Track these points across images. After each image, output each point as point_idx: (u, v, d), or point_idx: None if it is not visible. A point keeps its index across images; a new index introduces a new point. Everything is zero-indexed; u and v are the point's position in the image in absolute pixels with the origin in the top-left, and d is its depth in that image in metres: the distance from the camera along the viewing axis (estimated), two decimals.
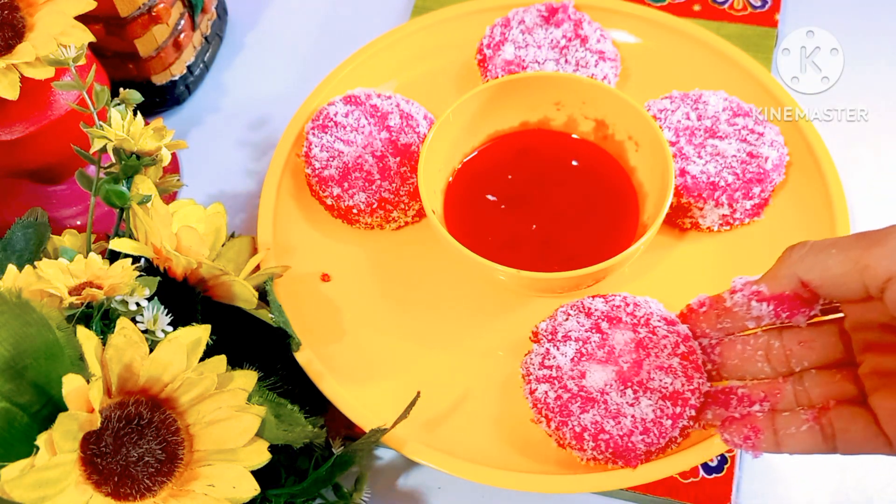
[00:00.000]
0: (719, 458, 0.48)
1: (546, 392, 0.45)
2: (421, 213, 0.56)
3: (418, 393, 0.45)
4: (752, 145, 0.53)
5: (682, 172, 0.52)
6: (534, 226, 0.52)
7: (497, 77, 0.57)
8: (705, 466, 0.47)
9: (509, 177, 0.54)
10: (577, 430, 0.44)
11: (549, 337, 0.47)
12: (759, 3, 0.66)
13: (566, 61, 0.58)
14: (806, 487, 0.48)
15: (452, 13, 0.63)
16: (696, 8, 0.67)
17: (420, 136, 0.56)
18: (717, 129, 0.54)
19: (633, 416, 0.44)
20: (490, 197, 0.53)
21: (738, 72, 0.59)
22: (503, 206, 0.53)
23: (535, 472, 0.46)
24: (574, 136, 0.56)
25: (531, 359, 0.47)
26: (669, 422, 0.44)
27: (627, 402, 0.44)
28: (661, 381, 0.44)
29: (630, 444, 0.43)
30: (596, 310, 0.47)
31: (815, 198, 0.54)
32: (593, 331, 0.46)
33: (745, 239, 0.54)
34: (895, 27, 0.66)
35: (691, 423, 0.45)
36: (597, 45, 0.58)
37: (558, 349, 0.46)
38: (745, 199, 0.52)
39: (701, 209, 0.52)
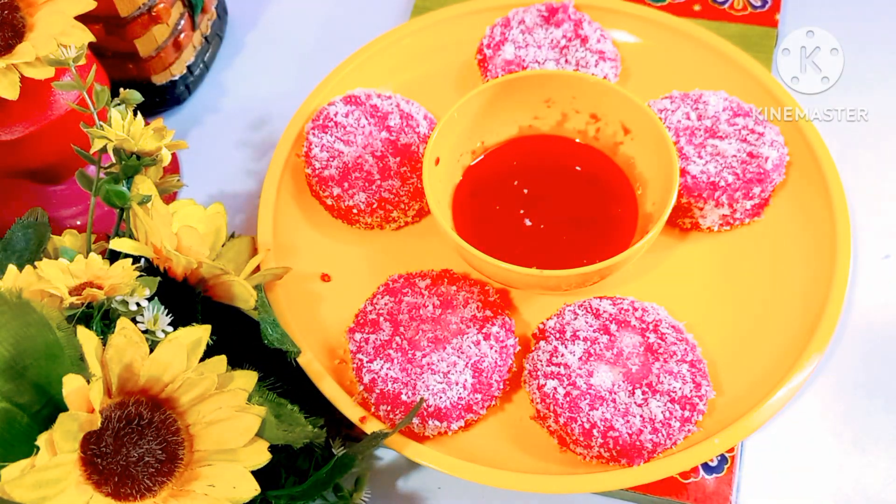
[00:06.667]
0: (719, 457, 0.48)
1: (555, 388, 0.45)
2: (421, 213, 0.56)
3: (422, 398, 0.45)
4: (752, 145, 0.53)
5: (683, 172, 0.52)
6: (542, 226, 0.52)
7: (497, 77, 0.57)
8: (705, 466, 0.47)
9: (515, 182, 0.54)
10: (587, 426, 0.44)
11: (557, 335, 0.47)
12: (759, 3, 0.66)
13: (566, 61, 0.58)
14: (805, 487, 0.48)
15: (452, 13, 0.63)
16: (697, 8, 0.67)
17: (420, 136, 0.56)
18: (717, 129, 0.54)
19: (641, 416, 0.44)
20: (496, 205, 0.53)
21: (738, 72, 0.59)
22: (510, 210, 0.53)
23: (535, 473, 0.46)
24: (577, 140, 0.56)
25: (538, 355, 0.47)
26: (678, 424, 0.44)
27: (636, 403, 0.44)
28: (670, 385, 0.45)
29: (639, 443, 0.44)
30: (604, 311, 0.48)
31: (815, 198, 0.54)
32: (601, 332, 0.47)
33: (745, 239, 0.54)
34: (895, 27, 0.66)
35: (698, 428, 0.45)
36: (597, 45, 0.58)
37: (566, 347, 0.47)
38: (745, 199, 0.52)
39: (701, 209, 0.52)
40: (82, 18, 0.47)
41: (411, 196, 0.54)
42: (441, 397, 0.46)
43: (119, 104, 0.45)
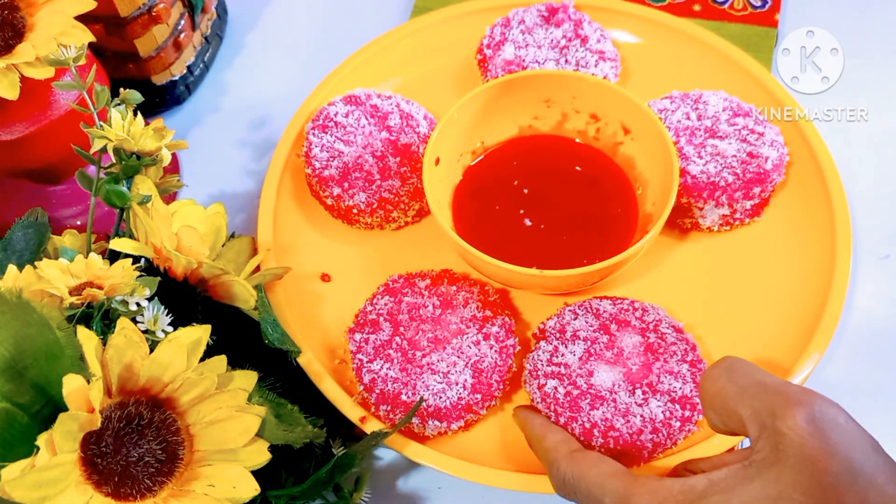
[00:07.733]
0: None
1: (556, 388, 0.45)
2: (421, 213, 0.56)
3: (421, 397, 0.45)
4: (752, 145, 0.53)
5: (683, 172, 0.52)
6: (542, 226, 0.52)
7: (497, 77, 0.57)
8: None
9: (515, 182, 0.54)
10: (587, 426, 0.44)
11: (557, 335, 0.47)
12: (759, 3, 0.66)
13: (566, 61, 0.58)
14: None
15: (452, 13, 0.63)
16: (697, 8, 0.67)
17: (420, 137, 0.56)
18: (717, 129, 0.54)
19: (642, 416, 0.44)
20: (496, 205, 0.53)
21: (738, 72, 0.59)
22: (510, 210, 0.53)
23: (535, 473, 0.46)
24: (577, 140, 0.56)
25: (538, 355, 0.47)
26: (678, 423, 0.44)
27: (636, 403, 0.45)
28: (670, 385, 0.45)
29: (639, 443, 0.44)
30: (604, 311, 0.48)
31: (815, 198, 0.54)
32: (601, 332, 0.47)
33: (745, 239, 0.54)
34: (895, 27, 0.66)
35: (698, 428, 0.45)
36: (597, 45, 0.58)
37: (567, 347, 0.47)
38: (745, 199, 0.52)
39: (701, 209, 0.52)
40: (82, 18, 0.47)
41: (411, 196, 0.54)
42: (441, 397, 0.46)
43: (119, 104, 0.45)
